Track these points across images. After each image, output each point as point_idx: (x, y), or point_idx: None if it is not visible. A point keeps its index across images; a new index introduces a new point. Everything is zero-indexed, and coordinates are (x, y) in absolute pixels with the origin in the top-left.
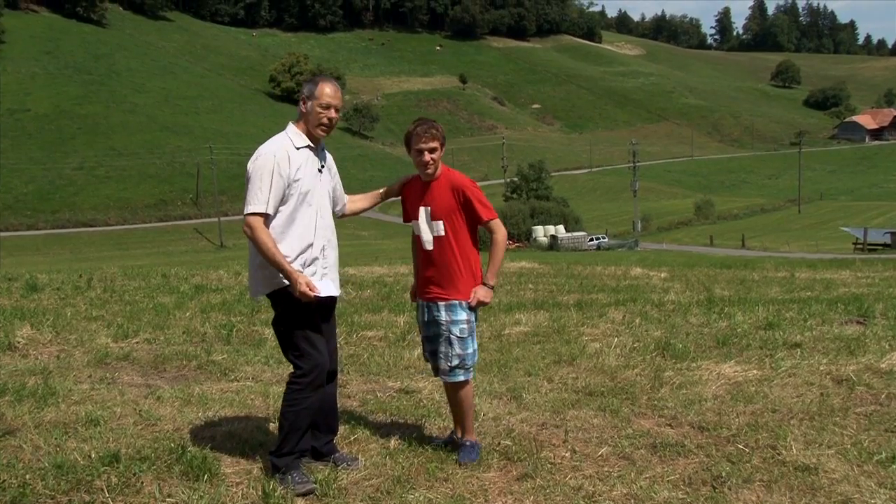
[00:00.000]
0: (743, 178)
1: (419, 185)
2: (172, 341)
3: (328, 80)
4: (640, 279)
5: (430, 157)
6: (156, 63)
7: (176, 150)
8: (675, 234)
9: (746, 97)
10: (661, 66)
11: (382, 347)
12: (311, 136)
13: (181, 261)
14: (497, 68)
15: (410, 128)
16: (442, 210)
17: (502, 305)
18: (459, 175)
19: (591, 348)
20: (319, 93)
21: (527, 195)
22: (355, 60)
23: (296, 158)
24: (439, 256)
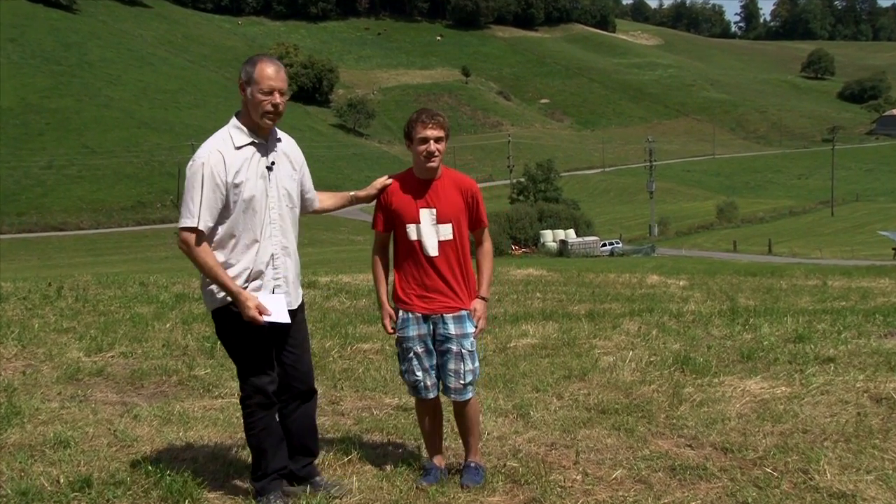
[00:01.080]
0: (770, 178)
1: (415, 185)
2: (151, 355)
3: (268, 59)
4: (658, 287)
5: (435, 147)
6: (132, 53)
7: (155, 148)
8: (696, 238)
9: (774, 90)
10: (680, 57)
11: (379, 361)
12: (255, 128)
13: (161, 268)
14: (502, 60)
15: (413, 116)
16: (451, 212)
17: (508, 316)
18: (463, 175)
19: (604, 362)
20: (259, 76)
21: (534, 197)
22: (349, 52)
23: (234, 161)
24: (445, 263)
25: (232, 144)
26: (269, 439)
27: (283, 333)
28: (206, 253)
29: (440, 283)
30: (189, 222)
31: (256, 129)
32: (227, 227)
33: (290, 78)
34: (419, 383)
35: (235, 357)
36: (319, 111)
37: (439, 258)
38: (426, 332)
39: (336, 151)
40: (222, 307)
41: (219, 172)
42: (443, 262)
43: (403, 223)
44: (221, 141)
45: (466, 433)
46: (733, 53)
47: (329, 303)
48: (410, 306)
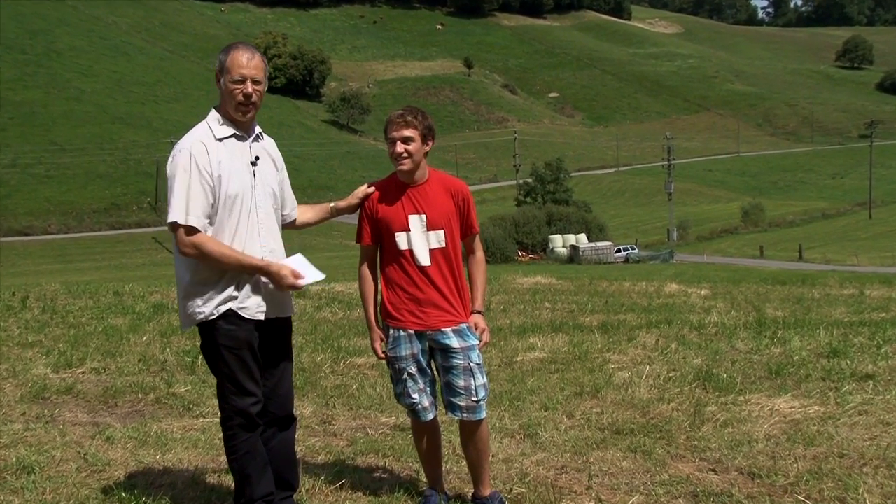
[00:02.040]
0: (800, 177)
1: (401, 190)
2: (125, 371)
3: (242, 46)
4: (677, 297)
5: (403, 148)
6: (105, 42)
7: (130, 146)
8: (719, 243)
9: (805, 81)
10: (701, 47)
11: (374, 377)
12: (233, 120)
13: (137, 275)
14: (508, 51)
15: (388, 115)
16: (442, 217)
17: (514, 328)
18: (452, 177)
19: (619, 378)
20: (231, 64)
21: (543, 199)
22: (342, 41)
23: (217, 152)
24: (438, 272)
25: (213, 136)
26: (252, 463)
27: (265, 352)
28: (218, 244)
29: (434, 294)
30: (180, 218)
31: (235, 121)
32: (213, 229)
33: (279, 70)
34: (416, 405)
35: (219, 374)
36: (310, 106)
37: (432, 268)
38: (419, 351)
39: (328, 149)
40: (208, 324)
41: (204, 164)
42: (436, 272)
43: (392, 232)
44: (203, 132)
45: (477, 460)
46: (760, 42)
47: (320, 314)
48: (402, 322)
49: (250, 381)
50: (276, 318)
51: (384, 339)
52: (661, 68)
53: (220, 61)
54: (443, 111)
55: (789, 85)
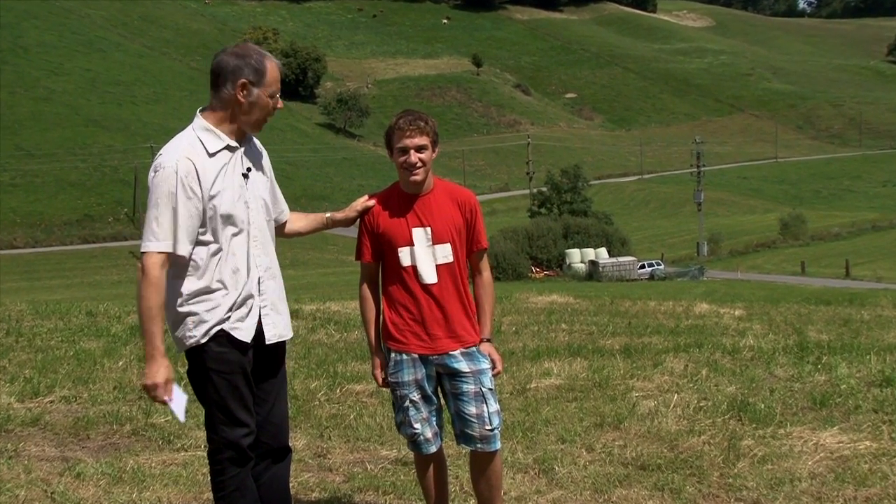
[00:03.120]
0: (847, 185)
1: (404, 202)
2: (99, 399)
3: (273, 58)
4: (708, 318)
5: (416, 158)
6: (78, 37)
7: (105, 151)
8: (754, 259)
9: (852, 79)
10: (734, 41)
11: (374, 405)
12: (236, 131)
13: (113, 294)
14: (521, 47)
15: (392, 121)
16: (448, 230)
17: (528, 352)
18: (459, 186)
19: (644, 408)
20: (272, 77)
21: (559, 209)
22: (339, 37)
23: (208, 170)
24: (444, 290)
25: (204, 150)
26: (242, 501)
27: (257, 377)
28: (158, 290)
29: (440, 315)
30: (153, 246)
31: (236, 132)
32: (206, 249)
33: None
34: (418, 436)
35: (208, 402)
36: (303, 108)
37: (438, 285)
38: (423, 376)
39: (323, 155)
40: (197, 347)
41: (191, 184)
42: (442, 290)
43: (394, 247)
44: (190, 147)
45: (489, 497)
46: (801, 35)
47: (314, 335)
48: (405, 345)
49: (242, 410)
50: (278, 343)
51: (384, 367)
52: (689, 65)
53: (252, 69)
54: (449, 113)
55: (834, 83)
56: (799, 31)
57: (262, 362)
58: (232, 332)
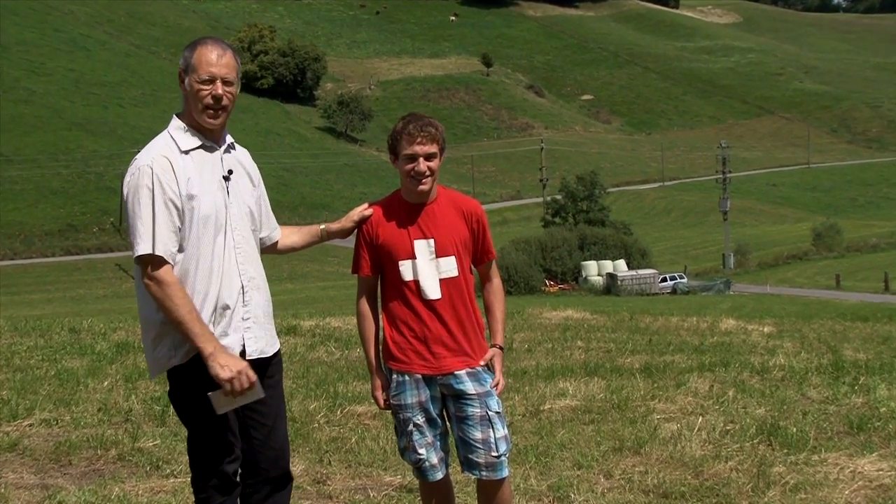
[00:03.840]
0: (885, 192)
1: (406, 212)
2: (82, 422)
3: (211, 41)
4: (735, 335)
5: (426, 167)
6: (61, 35)
7: (90, 156)
8: (785, 272)
9: (892, 78)
10: (763, 39)
11: (377, 428)
12: (200, 128)
13: (97, 309)
14: (534, 45)
15: (398, 125)
16: (452, 241)
17: (541, 370)
18: (464, 196)
19: (666, 431)
20: (198, 61)
21: (574, 219)
22: (340, 35)
23: (183, 167)
24: (449, 307)
25: (177, 149)
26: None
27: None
28: (183, 291)
29: (444, 333)
30: (143, 248)
31: (202, 129)
32: (183, 255)
33: (265, 69)
34: (423, 462)
35: (191, 425)
36: (302, 111)
37: (442, 301)
38: (427, 398)
39: (323, 161)
40: (179, 365)
41: (168, 182)
42: (447, 306)
43: (395, 260)
44: (164, 146)
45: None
46: (836, 32)
47: (314, 353)
48: (407, 365)
49: (227, 436)
50: (260, 358)
51: (385, 387)
52: (715, 65)
53: (184, 58)
54: (457, 116)
55: (871, 82)
56: (833, 28)
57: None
58: None
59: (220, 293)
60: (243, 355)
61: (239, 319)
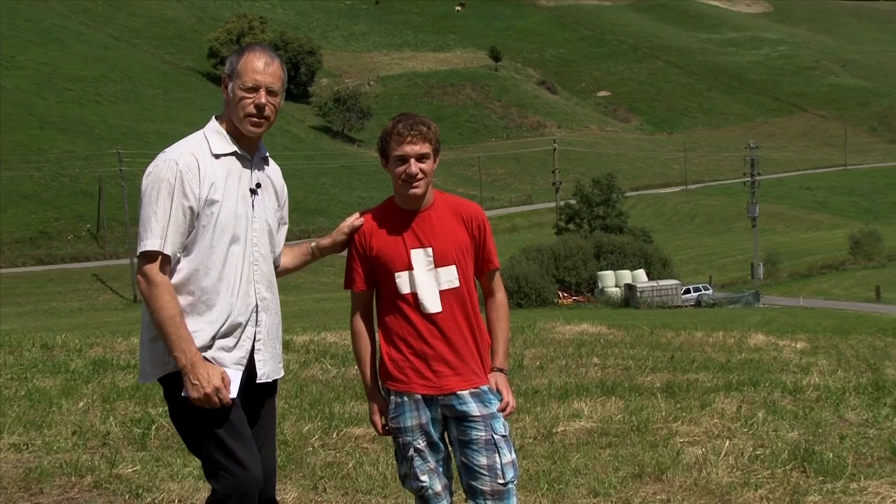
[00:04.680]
0: None
1: (401, 219)
2: (56, 447)
3: (260, 49)
4: (765, 351)
5: (418, 168)
6: (33, 25)
7: (65, 158)
8: (820, 283)
9: None
10: (796, 30)
11: (376, 452)
12: (238, 136)
13: (72, 324)
14: (546, 38)
15: (387, 126)
16: (452, 250)
17: (554, 389)
18: (463, 199)
19: (690, 456)
20: (243, 67)
21: (590, 225)
22: (336, 27)
23: (211, 171)
24: (451, 321)
25: (209, 150)
26: None
27: (251, 406)
28: (170, 295)
29: (446, 349)
30: (152, 244)
31: (239, 137)
32: (190, 259)
33: None
34: (426, 490)
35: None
36: (295, 108)
37: (443, 315)
38: (428, 420)
39: (318, 164)
40: (173, 373)
41: (191, 181)
42: (448, 320)
43: (390, 272)
44: (196, 145)
45: None
46: (875, 21)
47: (308, 371)
48: (406, 385)
49: (244, 446)
50: (266, 382)
51: (383, 411)
52: (742, 58)
53: (230, 63)
54: (463, 115)
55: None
56: (872, 17)
57: (248, 403)
58: (213, 361)
59: (232, 309)
60: (252, 377)
61: (247, 338)
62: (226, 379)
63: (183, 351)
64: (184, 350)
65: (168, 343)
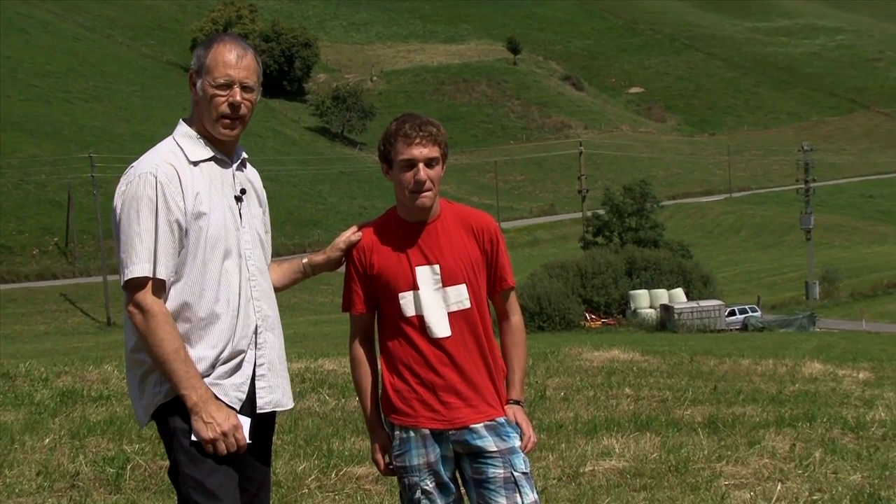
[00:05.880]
0: None
1: (404, 233)
2: (18, 489)
3: (230, 40)
4: (822, 382)
5: (426, 175)
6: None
7: (30, 162)
8: (885, 303)
9: None
10: (857, 16)
11: (380, 495)
12: (213, 139)
13: (38, 349)
14: (571, 27)
15: (390, 127)
16: (462, 267)
17: (581, 424)
18: (474, 210)
19: (737, 501)
20: (213, 61)
21: (621, 239)
22: (335, 16)
23: (192, 180)
24: (461, 346)
25: (185, 158)
26: None
27: (240, 459)
28: (171, 327)
29: (456, 378)
30: (140, 269)
31: (213, 140)
32: (182, 282)
33: None
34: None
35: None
36: (289, 107)
37: (452, 339)
38: (437, 458)
39: (315, 169)
40: (165, 404)
41: (173, 195)
42: (458, 346)
43: (393, 293)
44: (169, 153)
45: None
46: None
47: (303, 402)
48: (412, 419)
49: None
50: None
51: (387, 449)
52: (795, 49)
53: (197, 57)
54: (477, 114)
55: None
56: None
57: (255, 437)
58: (213, 388)
59: (234, 332)
60: (253, 407)
61: (247, 363)
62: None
63: (193, 388)
64: (194, 387)
65: (174, 380)
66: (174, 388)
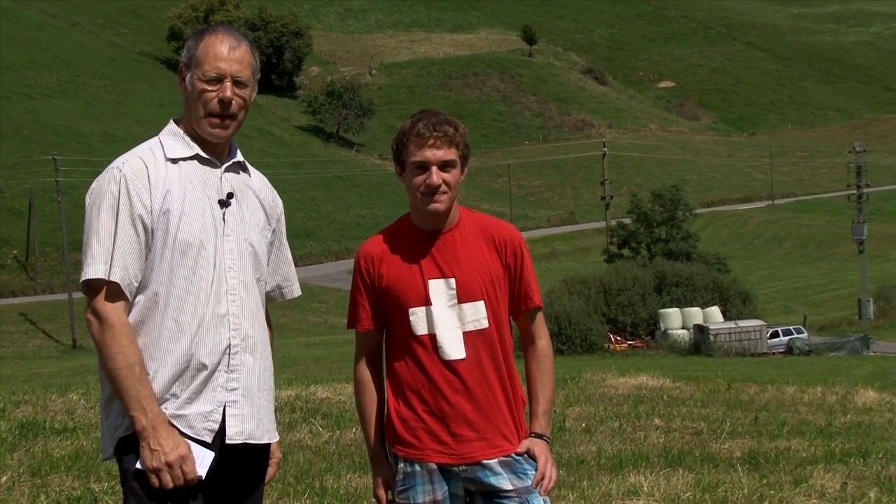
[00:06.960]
0: None
1: (418, 242)
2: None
3: (223, 31)
4: (877, 412)
5: (440, 179)
6: None
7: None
8: None
9: None
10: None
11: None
12: (198, 138)
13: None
14: (592, 16)
15: (405, 125)
16: (480, 282)
17: (605, 459)
18: (496, 219)
19: None
20: (204, 54)
21: (649, 251)
22: (329, 2)
23: (164, 177)
24: (476, 371)
25: (162, 155)
26: None
27: (222, 493)
28: (129, 338)
29: (468, 406)
30: (93, 271)
31: (199, 141)
32: (146, 289)
33: None
34: None
35: None
36: (278, 104)
37: (467, 362)
38: (445, 497)
39: (307, 173)
40: (126, 440)
41: (138, 190)
42: (472, 370)
43: (403, 308)
44: (146, 150)
45: None
46: None
47: (294, 434)
48: (418, 451)
49: None
50: (246, 445)
51: (390, 483)
52: (845, 38)
53: (187, 50)
54: (489, 112)
55: None
56: None
57: (231, 472)
58: (174, 420)
59: (195, 346)
60: (221, 437)
61: (219, 387)
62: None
63: (143, 410)
64: (144, 409)
65: (124, 399)
66: (124, 407)
